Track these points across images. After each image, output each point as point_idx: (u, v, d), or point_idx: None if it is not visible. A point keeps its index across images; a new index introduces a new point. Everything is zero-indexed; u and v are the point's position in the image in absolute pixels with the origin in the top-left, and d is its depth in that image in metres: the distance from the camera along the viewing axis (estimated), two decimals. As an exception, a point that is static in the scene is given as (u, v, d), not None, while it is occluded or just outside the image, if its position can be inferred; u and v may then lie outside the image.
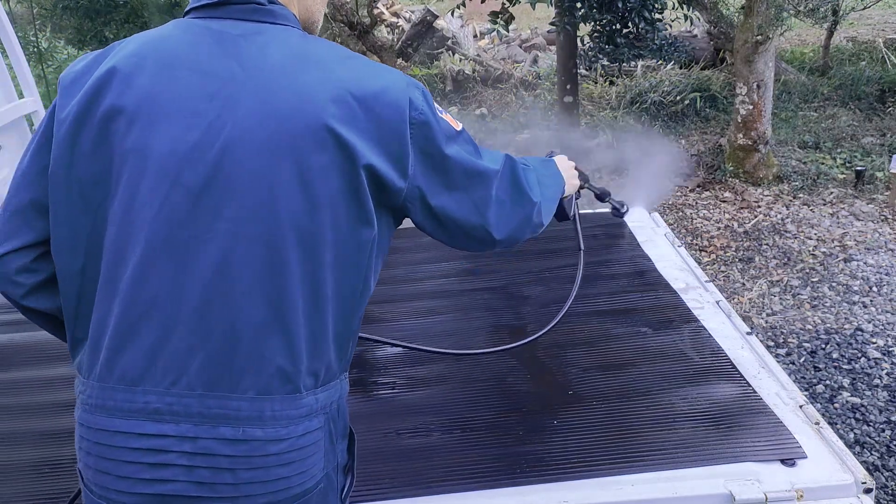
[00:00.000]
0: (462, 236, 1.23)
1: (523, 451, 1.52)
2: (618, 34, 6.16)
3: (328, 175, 1.04)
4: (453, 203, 1.18)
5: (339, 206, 1.05)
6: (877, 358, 3.74)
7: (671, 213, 5.68)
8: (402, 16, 11.55)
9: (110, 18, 7.29)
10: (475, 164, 1.20)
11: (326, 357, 1.10)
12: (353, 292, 1.12)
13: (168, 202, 1.02)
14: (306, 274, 1.05)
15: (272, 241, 1.03)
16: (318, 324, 1.08)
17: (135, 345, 1.03)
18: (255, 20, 1.09)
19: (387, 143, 1.07)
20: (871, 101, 7.50)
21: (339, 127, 1.03)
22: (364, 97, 1.06)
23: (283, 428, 1.05)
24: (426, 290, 2.32)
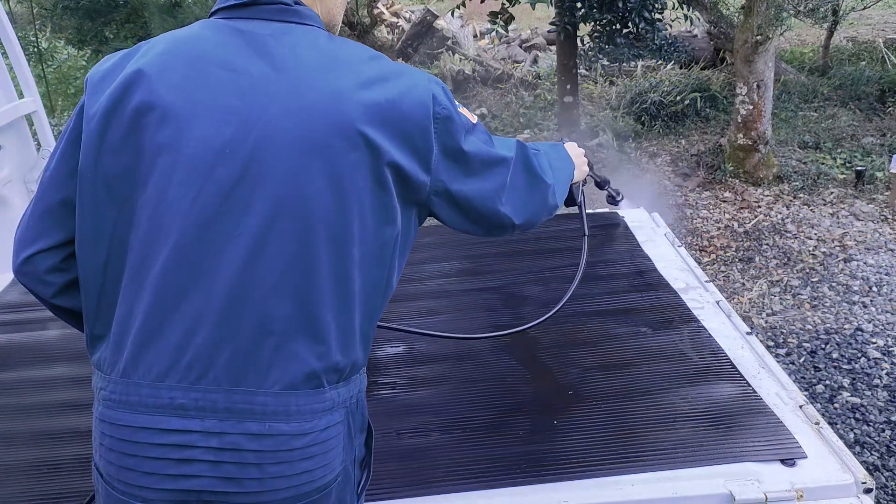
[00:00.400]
0: (484, 224, 1.28)
1: (523, 451, 1.52)
2: (618, 34, 6.17)
3: (356, 174, 1.06)
4: (474, 192, 1.21)
5: (365, 203, 1.07)
6: (877, 358, 3.74)
7: (671, 213, 5.68)
8: (402, 16, 11.56)
9: (110, 18, 7.29)
10: (491, 152, 1.24)
11: (353, 353, 1.11)
12: (378, 290, 1.14)
13: (200, 198, 1.03)
14: (335, 270, 1.06)
15: (302, 237, 1.04)
16: (346, 320, 1.09)
17: (162, 340, 1.03)
18: (282, 20, 1.11)
19: (412, 139, 1.10)
20: (871, 101, 7.49)
21: (370, 128, 1.06)
22: (392, 98, 1.09)
23: (307, 422, 1.06)
24: (426, 290, 2.32)
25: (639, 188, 3.07)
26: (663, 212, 2.91)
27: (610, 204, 2.38)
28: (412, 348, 1.98)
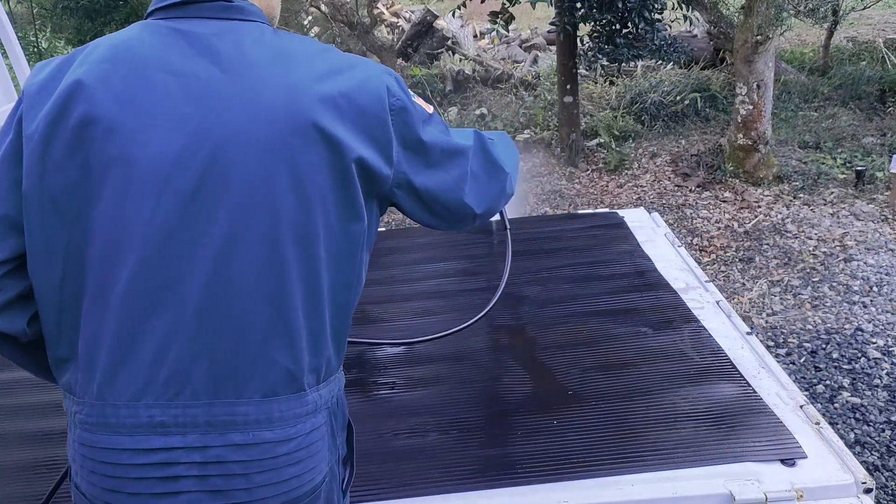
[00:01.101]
0: (446, 216, 1.26)
1: (523, 451, 1.52)
2: (617, 34, 6.16)
3: (318, 171, 1.04)
4: (436, 183, 1.20)
5: (328, 201, 1.05)
6: (877, 358, 3.73)
7: (671, 213, 5.68)
8: (402, 16, 11.56)
9: (110, 18, 7.29)
10: (451, 142, 1.23)
11: (326, 353, 1.10)
12: (348, 287, 1.12)
13: (159, 210, 1.00)
14: (304, 271, 1.04)
15: (270, 240, 1.02)
16: (316, 321, 1.07)
17: (135, 359, 1.00)
18: (223, 18, 1.08)
19: (371, 132, 1.09)
20: (872, 101, 7.49)
21: (327, 123, 1.04)
22: (347, 90, 1.07)
23: (290, 427, 1.05)
24: (423, 291, 2.31)
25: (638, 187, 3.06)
26: (663, 212, 2.90)
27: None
28: (411, 348, 1.98)
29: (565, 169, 6.75)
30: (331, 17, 7.05)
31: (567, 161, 6.80)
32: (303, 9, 7.56)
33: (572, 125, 6.87)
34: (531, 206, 6.08)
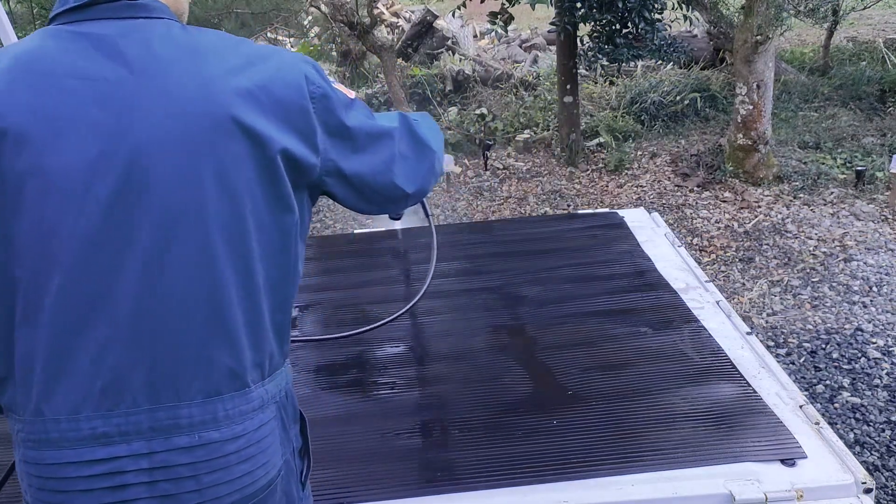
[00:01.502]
0: (378, 199, 1.26)
1: (523, 452, 1.52)
2: (617, 34, 6.16)
3: (242, 166, 1.02)
4: (365, 167, 1.19)
5: (257, 195, 1.04)
6: (877, 358, 3.73)
7: (671, 213, 5.68)
8: (402, 16, 11.56)
9: (110, 18, 7.27)
10: (376, 125, 1.22)
11: (268, 348, 1.10)
12: (284, 280, 1.11)
13: (82, 219, 0.97)
14: (237, 268, 1.03)
15: (200, 241, 1.01)
16: (255, 317, 1.07)
17: (71, 372, 0.98)
18: (128, 17, 1.04)
19: (293, 122, 1.07)
20: (872, 101, 7.49)
21: (246, 116, 1.02)
22: (263, 82, 1.05)
23: (237, 425, 1.05)
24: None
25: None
26: (663, 212, 2.90)
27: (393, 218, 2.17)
28: (411, 348, 1.98)
29: (565, 169, 6.75)
30: (331, 17, 7.05)
31: (567, 161, 6.80)
32: (303, 9, 7.56)
33: (572, 125, 6.87)
34: (531, 207, 6.08)
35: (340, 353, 2.00)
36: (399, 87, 7.34)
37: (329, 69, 9.59)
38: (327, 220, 6.05)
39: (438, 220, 5.92)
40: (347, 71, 8.93)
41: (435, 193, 6.42)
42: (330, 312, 2.24)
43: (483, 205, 6.18)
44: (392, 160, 1.24)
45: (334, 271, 2.58)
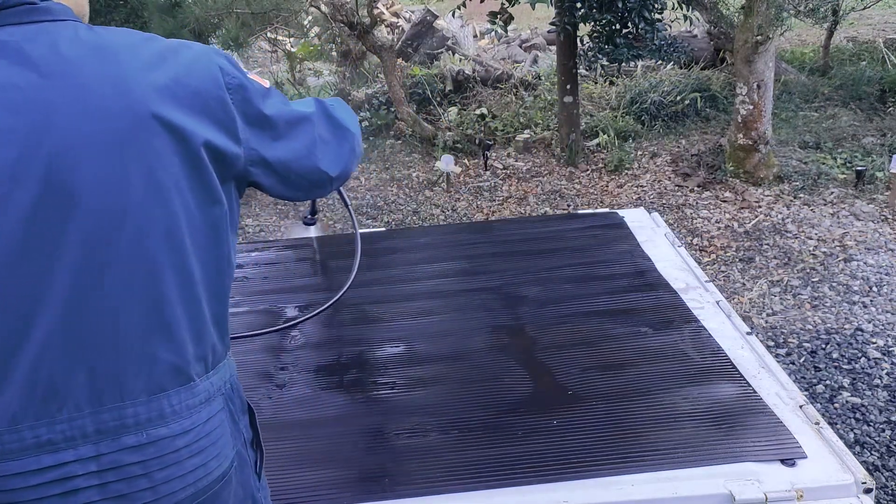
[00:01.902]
0: (304, 185, 1.27)
1: (523, 451, 1.52)
2: (617, 34, 6.16)
3: (167, 161, 1.02)
4: (288, 153, 1.20)
5: (184, 189, 1.04)
6: (877, 358, 3.73)
7: (671, 213, 5.68)
8: (402, 16, 11.56)
9: (110, 18, 7.29)
10: (294, 111, 1.24)
11: (210, 340, 1.11)
12: (219, 272, 1.12)
13: (4, 227, 0.95)
14: (173, 263, 1.04)
15: (131, 239, 1.00)
16: (195, 310, 1.07)
17: (7, 383, 0.97)
18: (31, 21, 1.02)
19: (213, 114, 1.08)
20: (872, 101, 7.49)
21: (166, 111, 1.02)
22: (178, 75, 1.05)
23: (185, 419, 1.05)
24: (423, 291, 2.31)
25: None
26: (663, 212, 2.90)
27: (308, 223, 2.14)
28: (411, 348, 1.98)
29: (565, 169, 6.75)
30: (331, 17, 7.05)
31: (567, 161, 6.80)
32: (303, 9, 7.56)
33: (572, 125, 6.86)
34: (531, 207, 6.08)
35: (340, 352, 2.00)
36: (399, 87, 7.34)
37: (329, 69, 9.59)
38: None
39: (438, 220, 5.92)
40: (347, 71, 8.93)
41: (435, 194, 6.42)
42: (330, 312, 2.24)
43: (483, 205, 6.18)
44: (313, 144, 1.26)
45: (334, 271, 2.58)
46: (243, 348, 2.05)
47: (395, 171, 6.93)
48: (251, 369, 1.94)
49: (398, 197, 6.41)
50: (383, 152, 7.33)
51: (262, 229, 5.92)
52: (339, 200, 1.58)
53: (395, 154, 7.29)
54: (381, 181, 6.75)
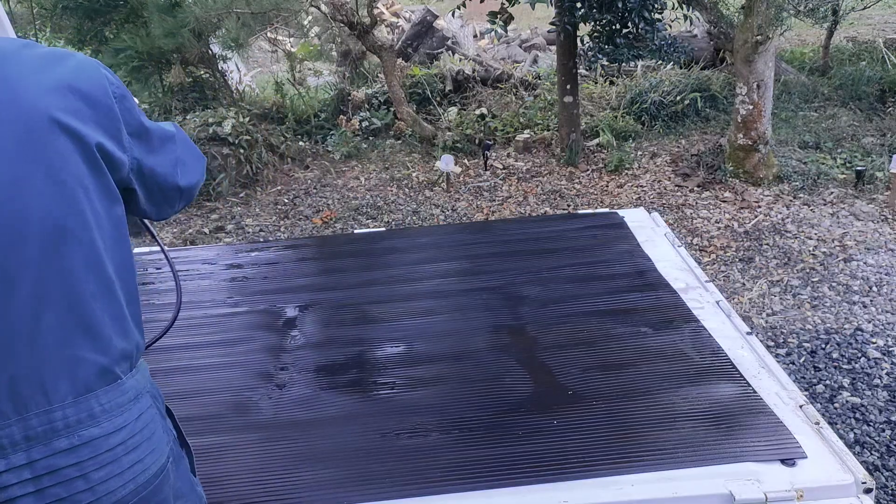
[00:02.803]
0: (161, 201, 1.28)
1: (523, 451, 1.52)
2: (617, 34, 6.16)
3: (70, 161, 1.03)
4: (159, 167, 1.23)
5: (88, 188, 1.05)
6: (877, 358, 3.73)
7: (671, 213, 5.68)
8: (402, 16, 11.56)
9: (110, 18, 7.28)
10: (164, 128, 1.27)
11: (133, 337, 1.11)
12: (127, 270, 1.13)
13: None
14: (88, 261, 1.04)
15: (44, 240, 1.00)
16: (116, 306, 1.08)
17: None
18: None
19: (101, 120, 1.08)
20: (872, 101, 7.49)
21: (63, 116, 1.02)
22: (68, 80, 1.06)
23: (117, 417, 1.06)
24: (424, 291, 2.32)
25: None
26: (663, 212, 2.90)
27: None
28: (411, 348, 1.98)
29: (565, 169, 6.75)
30: (331, 17, 7.05)
31: (567, 161, 6.80)
32: (303, 9, 7.55)
33: (572, 125, 6.86)
34: (531, 207, 6.08)
35: (340, 352, 2.00)
36: (399, 87, 7.34)
37: (329, 69, 9.58)
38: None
39: (438, 220, 5.92)
40: (347, 71, 8.93)
41: (435, 194, 6.42)
42: (330, 312, 2.24)
43: (483, 205, 6.18)
44: (176, 163, 1.28)
45: (334, 271, 2.58)
46: (243, 348, 2.05)
47: (394, 171, 6.93)
48: (251, 369, 1.94)
49: (398, 197, 6.41)
50: (383, 152, 7.33)
51: (262, 229, 5.92)
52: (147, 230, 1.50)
53: (395, 154, 7.29)
54: (381, 181, 6.75)
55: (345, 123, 7.72)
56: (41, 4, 7.53)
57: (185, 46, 6.67)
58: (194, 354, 2.03)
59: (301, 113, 7.88)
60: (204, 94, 7.48)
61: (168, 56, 7.09)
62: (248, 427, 1.69)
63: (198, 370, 1.95)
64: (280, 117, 7.83)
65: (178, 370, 1.94)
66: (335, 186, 6.68)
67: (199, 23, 6.43)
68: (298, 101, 8.11)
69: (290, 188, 6.67)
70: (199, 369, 1.95)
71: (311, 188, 6.67)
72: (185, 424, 1.69)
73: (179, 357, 2.01)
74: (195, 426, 1.70)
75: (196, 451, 1.60)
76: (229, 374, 1.92)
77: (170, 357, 2.00)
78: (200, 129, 6.42)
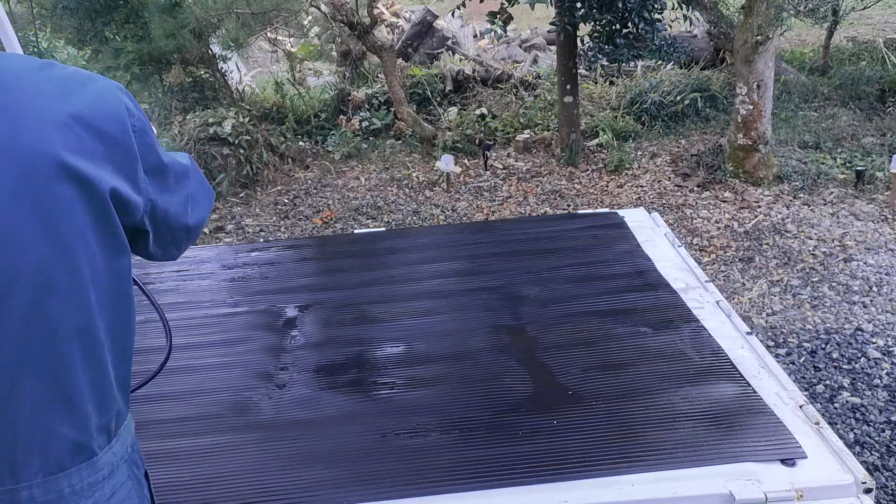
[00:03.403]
0: (166, 242, 1.15)
1: (523, 451, 1.52)
2: (617, 34, 6.16)
3: (72, 212, 0.91)
4: (171, 207, 1.11)
5: (90, 241, 0.94)
6: (877, 358, 3.73)
7: (671, 213, 5.67)
8: (402, 16, 11.56)
9: (110, 18, 7.28)
10: (180, 163, 1.15)
11: (115, 406, 1.01)
12: (126, 329, 1.03)
13: None
14: (77, 326, 0.94)
15: (28, 301, 0.89)
16: (100, 375, 0.98)
17: None
18: None
19: (119, 160, 0.97)
20: (872, 100, 7.49)
21: (70, 157, 0.90)
22: (83, 115, 0.93)
23: (87, 499, 0.97)
24: (424, 291, 2.31)
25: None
26: (663, 212, 2.91)
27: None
28: (411, 348, 1.98)
29: (565, 169, 6.75)
30: (331, 17, 7.05)
31: (567, 161, 6.80)
32: (303, 9, 7.56)
33: (572, 125, 6.86)
34: (531, 207, 6.08)
35: (340, 352, 2.00)
36: (399, 87, 7.34)
37: (329, 69, 9.59)
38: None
39: (438, 220, 5.92)
40: (347, 71, 8.93)
41: (435, 194, 6.42)
42: (330, 312, 2.24)
43: (483, 205, 6.18)
44: (187, 201, 1.16)
45: (334, 271, 2.58)
46: (243, 348, 2.05)
47: (395, 171, 6.93)
48: (251, 369, 1.94)
49: (398, 197, 6.41)
50: (383, 152, 7.33)
51: (262, 229, 5.92)
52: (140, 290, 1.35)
53: (395, 154, 7.29)
54: (381, 181, 6.75)
55: (345, 123, 7.72)
56: (41, 4, 7.54)
57: (186, 47, 6.67)
58: (194, 354, 2.03)
59: (301, 113, 7.89)
60: (204, 94, 7.48)
61: (168, 56, 7.09)
62: (247, 427, 1.69)
63: (198, 370, 1.95)
64: (280, 117, 7.83)
65: (178, 370, 1.94)
66: (335, 186, 6.68)
67: (200, 23, 6.43)
68: (298, 101, 8.12)
69: (290, 188, 6.67)
70: (199, 369, 1.95)
71: (312, 188, 6.67)
72: (186, 424, 1.71)
73: (179, 357, 2.00)
74: (195, 426, 1.70)
75: (196, 451, 1.61)
76: (229, 374, 1.92)
77: (170, 357, 2.00)
78: (200, 129, 6.42)
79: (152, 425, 1.70)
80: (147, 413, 1.73)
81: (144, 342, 2.09)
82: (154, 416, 1.74)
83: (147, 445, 1.63)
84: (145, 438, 1.65)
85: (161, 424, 1.71)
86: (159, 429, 1.69)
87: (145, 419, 1.71)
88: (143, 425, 1.69)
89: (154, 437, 1.66)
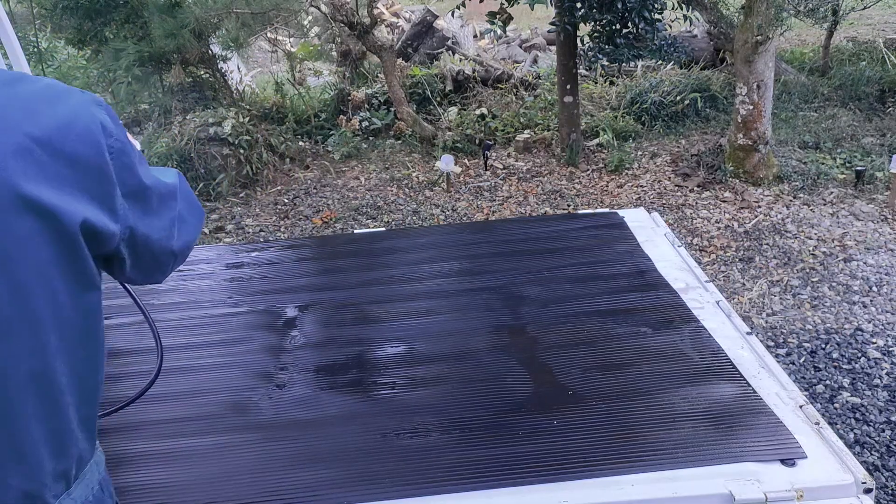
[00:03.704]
0: (149, 268, 1.08)
1: (523, 451, 1.52)
2: (617, 34, 6.16)
3: (30, 247, 0.83)
4: (153, 231, 1.02)
5: (52, 278, 0.86)
6: (877, 358, 3.73)
7: (671, 213, 5.67)
8: (402, 16, 11.56)
9: (110, 18, 7.28)
10: (165, 183, 1.06)
11: (75, 450, 0.95)
12: (93, 367, 0.96)
13: None
14: (32, 372, 0.87)
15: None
16: (58, 422, 0.91)
17: None
18: None
19: (92, 186, 0.88)
20: (872, 101, 7.49)
21: (34, 188, 0.81)
22: (49, 138, 0.84)
23: None
24: (424, 291, 2.31)
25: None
26: (663, 212, 2.91)
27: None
28: (411, 348, 1.98)
29: (565, 169, 6.75)
30: (331, 17, 7.05)
31: (567, 161, 6.80)
32: (303, 9, 7.56)
33: (572, 125, 6.86)
34: (531, 207, 6.08)
35: (340, 352, 2.00)
36: (399, 87, 7.34)
37: (329, 69, 9.59)
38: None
39: (438, 220, 5.92)
40: (347, 71, 8.93)
41: (435, 194, 6.42)
42: (330, 312, 2.24)
43: (483, 205, 6.18)
44: (174, 223, 1.08)
45: (334, 271, 2.58)
46: (243, 348, 2.05)
47: (395, 171, 6.93)
48: (251, 369, 1.94)
49: (398, 197, 6.40)
50: (383, 152, 7.33)
51: (262, 229, 5.92)
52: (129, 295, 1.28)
53: (395, 154, 7.28)
54: (381, 181, 6.74)
55: (345, 123, 7.72)
56: (41, 4, 7.53)
57: (186, 47, 6.67)
58: (194, 354, 2.03)
59: (301, 113, 7.89)
60: (204, 94, 7.48)
61: (168, 56, 7.09)
62: (248, 427, 1.69)
63: (197, 370, 1.95)
64: (280, 117, 7.83)
65: (178, 370, 1.94)
66: (335, 186, 6.68)
67: (199, 23, 6.43)
68: (298, 101, 8.12)
69: (290, 188, 6.67)
70: (199, 369, 1.95)
71: (311, 188, 6.67)
72: (186, 424, 1.71)
73: (179, 357, 2.00)
74: (195, 426, 1.70)
75: (196, 451, 1.61)
76: (229, 375, 1.92)
77: (170, 357, 2.00)
78: (200, 129, 6.42)
79: (152, 425, 1.70)
80: (147, 413, 1.73)
81: (144, 342, 2.10)
82: (154, 416, 1.74)
83: (147, 445, 1.63)
84: (145, 438, 1.65)
85: (161, 424, 1.71)
86: (159, 429, 1.69)
87: (145, 419, 1.72)
88: (143, 425, 1.70)
89: (154, 437, 1.66)
